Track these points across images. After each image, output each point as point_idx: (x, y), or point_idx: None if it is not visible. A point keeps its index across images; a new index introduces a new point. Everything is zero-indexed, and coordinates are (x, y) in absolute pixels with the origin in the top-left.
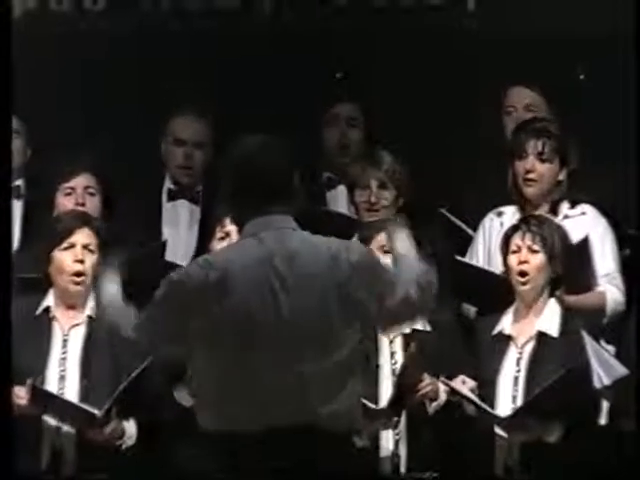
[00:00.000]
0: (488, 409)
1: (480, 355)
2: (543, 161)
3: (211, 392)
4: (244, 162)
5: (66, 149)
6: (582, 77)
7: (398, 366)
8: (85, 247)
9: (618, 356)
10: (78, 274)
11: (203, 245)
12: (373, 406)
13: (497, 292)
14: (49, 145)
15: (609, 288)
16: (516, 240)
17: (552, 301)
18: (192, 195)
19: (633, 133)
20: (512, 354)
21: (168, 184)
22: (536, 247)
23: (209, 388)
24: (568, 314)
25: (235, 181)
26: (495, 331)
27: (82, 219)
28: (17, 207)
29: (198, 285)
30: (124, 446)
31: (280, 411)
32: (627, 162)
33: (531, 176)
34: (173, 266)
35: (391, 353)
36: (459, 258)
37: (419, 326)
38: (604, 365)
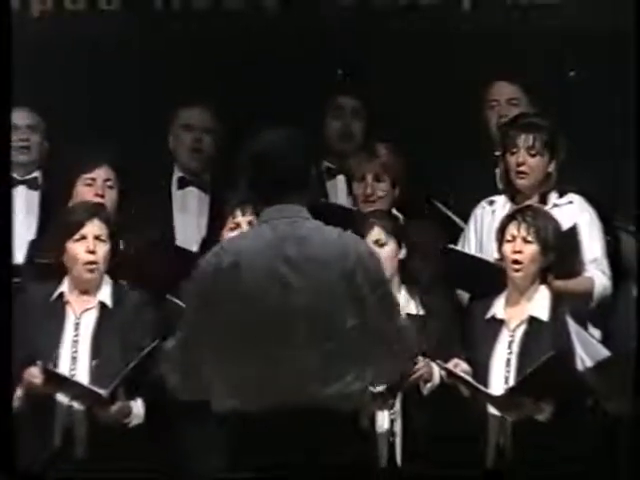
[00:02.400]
0: (482, 389)
1: (474, 338)
2: (533, 155)
3: (223, 374)
4: (263, 154)
5: (86, 142)
6: (572, 74)
7: None
8: (97, 238)
9: (605, 340)
10: (91, 263)
11: (213, 231)
12: (371, 388)
13: (490, 278)
14: (68, 138)
15: (596, 273)
16: (511, 230)
17: (543, 287)
18: (201, 183)
19: (623, 128)
20: (504, 337)
21: (178, 173)
22: (530, 238)
23: (221, 370)
24: (558, 299)
25: (254, 172)
26: (488, 315)
27: (92, 211)
28: (34, 197)
29: (214, 270)
30: (131, 425)
31: (286, 391)
32: (615, 155)
33: (522, 169)
34: (184, 250)
35: None
36: (453, 246)
37: (413, 310)
38: (587, 348)
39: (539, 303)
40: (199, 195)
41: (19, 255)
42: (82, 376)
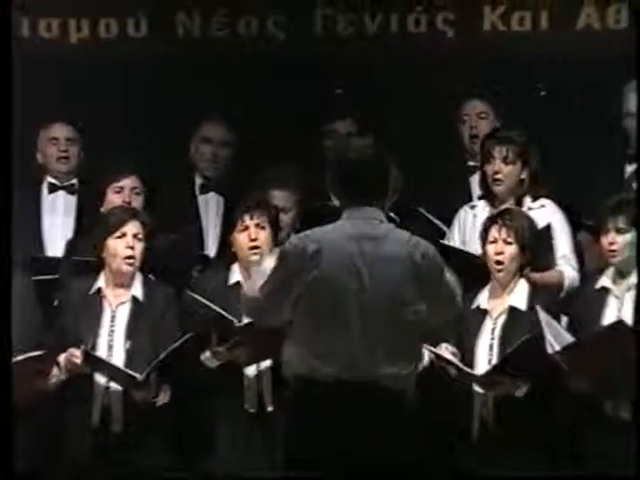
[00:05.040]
0: (467, 369)
1: (461, 325)
2: (507, 164)
3: (298, 346)
4: (352, 163)
5: (117, 154)
6: (543, 93)
7: None
8: (134, 236)
9: (570, 325)
10: (130, 257)
11: (227, 230)
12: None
13: (475, 270)
14: (101, 150)
15: (566, 267)
16: (493, 233)
17: (521, 280)
18: (219, 188)
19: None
20: (488, 325)
21: (198, 180)
22: (510, 239)
23: (295, 344)
24: (535, 291)
25: (342, 177)
26: (473, 306)
27: (131, 213)
28: (72, 201)
29: (300, 254)
30: (158, 403)
31: (349, 366)
32: (584, 162)
33: (498, 177)
34: (201, 255)
35: None
36: (443, 242)
37: None
38: (555, 334)
39: (518, 295)
40: (217, 199)
41: (58, 253)
42: (117, 362)
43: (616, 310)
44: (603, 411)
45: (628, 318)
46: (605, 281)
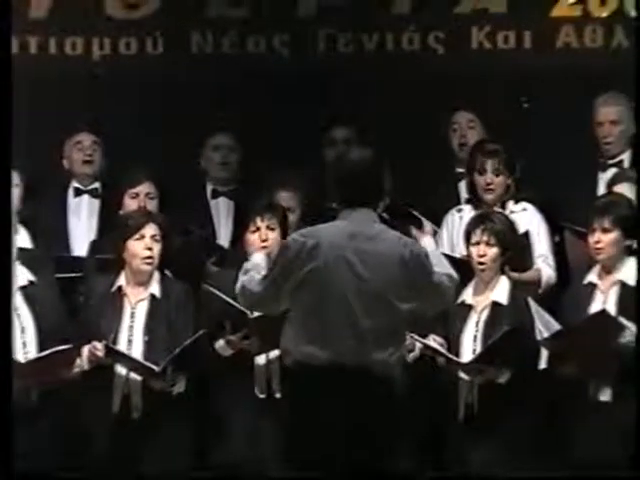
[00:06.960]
0: (453, 358)
1: (449, 319)
2: (497, 175)
3: (294, 333)
4: (352, 169)
5: (133, 162)
6: (526, 105)
7: None
8: (152, 237)
9: (559, 316)
10: (148, 258)
11: (237, 232)
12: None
13: (460, 269)
14: (121, 158)
15: (543, 266)
16: (476, 236)
17: (503, 277)
18: (229, 193)
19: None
20: (472, 318)
21: (210, 186)
22: (492, 242)
23: (292, 331)
24: (515, 287)
25: (340, 182)
26: (459, 301)
27: (148, 216)
28: (95, 204)
29: (300, 247)
30: (175, 392)
31: (342, 353)
32: (561, 170)
33: (490, 187)
34: (221, 247)
35: None
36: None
37: None
38: (544, 322)
39: (500, 290)
40: (228, 203)
41: (82, 252)
42: (137, 354)
43: (601, 303)
44: (583, 395)
45: (612, 310)
46: (592, 277)
